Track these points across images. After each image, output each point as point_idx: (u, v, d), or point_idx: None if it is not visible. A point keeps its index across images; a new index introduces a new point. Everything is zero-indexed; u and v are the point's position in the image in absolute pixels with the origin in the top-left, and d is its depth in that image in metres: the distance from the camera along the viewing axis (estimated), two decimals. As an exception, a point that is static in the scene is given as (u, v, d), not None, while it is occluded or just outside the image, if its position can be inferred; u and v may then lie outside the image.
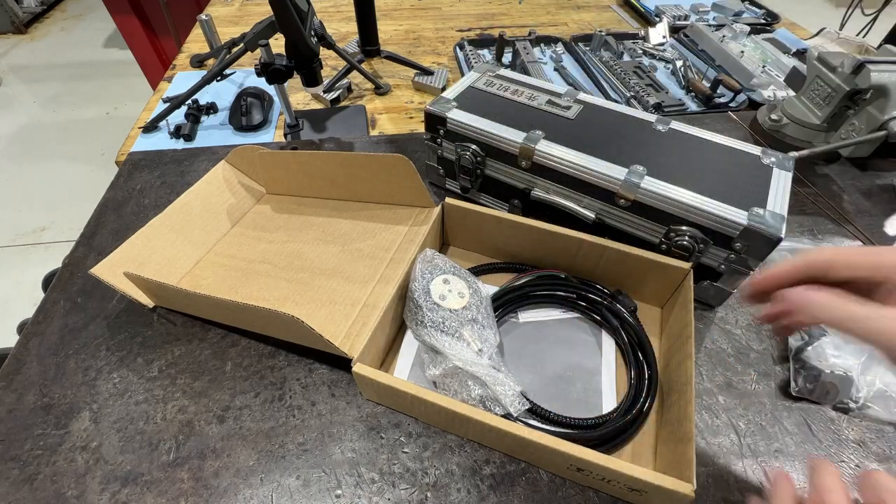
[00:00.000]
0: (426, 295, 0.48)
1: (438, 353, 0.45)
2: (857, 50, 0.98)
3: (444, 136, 0.62)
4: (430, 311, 0.47)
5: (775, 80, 0.91)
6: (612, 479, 0.37)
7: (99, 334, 0.52)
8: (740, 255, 0.48)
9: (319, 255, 0.58)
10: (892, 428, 0.45)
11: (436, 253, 0.52)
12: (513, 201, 0.62)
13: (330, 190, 0.64)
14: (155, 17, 1.82)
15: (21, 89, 2.58)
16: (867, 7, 1.24)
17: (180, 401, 0.46)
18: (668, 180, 0.49)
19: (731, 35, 1.03)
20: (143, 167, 0.73)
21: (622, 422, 0.43)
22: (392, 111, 0.88)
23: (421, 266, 0.50)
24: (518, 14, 1.23)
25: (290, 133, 0.79)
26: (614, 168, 0.51)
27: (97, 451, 0.43)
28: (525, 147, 0.54)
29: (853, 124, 0.72)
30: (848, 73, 0.69)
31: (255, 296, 0.54)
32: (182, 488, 0.41)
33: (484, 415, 0.39)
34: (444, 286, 0.49)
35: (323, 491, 0.41)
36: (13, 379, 0.48)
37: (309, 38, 0.66)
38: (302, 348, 0.49)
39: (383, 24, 1.14)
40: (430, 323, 0.46)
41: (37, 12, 3.16)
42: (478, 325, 0.47)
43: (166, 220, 0.58)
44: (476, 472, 0.42)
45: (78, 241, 0.62)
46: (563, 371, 0.48)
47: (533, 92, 0.63)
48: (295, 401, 0.46)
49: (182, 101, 0.80)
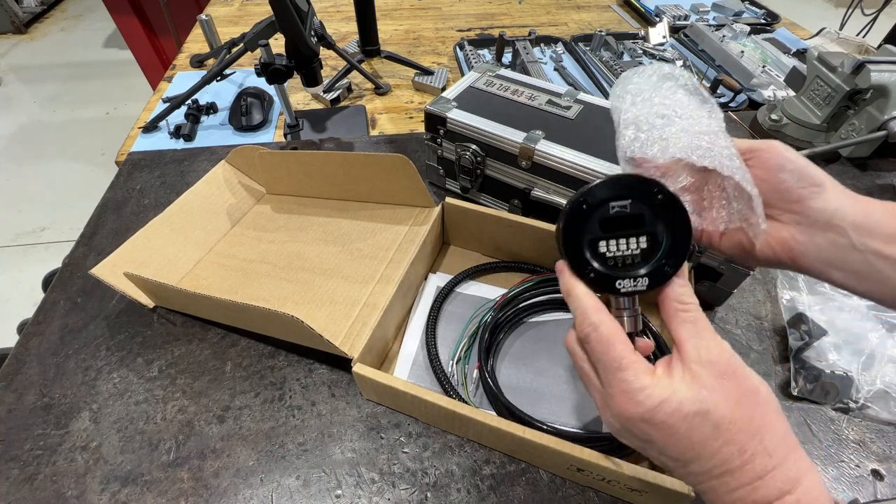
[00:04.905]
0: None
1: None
2: (857, 50, 0.98)
3: (444, 136, 0.62)
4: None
5: (775, 80, 0.91)
6: (612, 479, 0.37)
7: (99, 334, 0.52)
8: (740, 255, 0.48)
9: (319, 255, 0.58)
10: (892, 428, 0.45)
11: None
12: (513, 201, 0.62)
13: (330, 190, 0.64)
14: (155, 17, 1.82)
15: (21, 89, 2.58)
16: (867, 7, 1.24)
17: (180, 401, 0.46)
18: (668, 180, 0.49)
19: (731, 35, 1.03)
20: (143, 167, 0.73)
21: None
22: (392, 111, 0.88)
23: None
24: (518, 14, 1.23)
25: (290, 133, 0.79)
26: (614, 168, 0.51)
27: (97, 451, 0.43)
28: (525, 147, 0.54)
29: (853, 124, 0.72)
30: (848, 73, 0.69)
31: (255, 296, 0.54)
32: (182, 488, 0.41)
33: (484, 415, 0.39)
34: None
35: (323, 491, 0.41)
36: (13, 379, 0.48)
37: (309, 38, 0.66)
38: (302, 348, 0.49)
39: (383, 24, 1.14)
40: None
41: (37, 12, 3.16)
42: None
43: (166, 220, 0.58)
44: (476, 472, 0.42)
45: (78, 241, 0.62)
46: (565, 371, 0.48)
47: (533, 92, 0.63)
48: (295, 401, 0.46)
49: (182, 101, 0.80)
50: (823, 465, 0.43)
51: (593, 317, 0.28)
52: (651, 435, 0.26)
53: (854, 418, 0.46)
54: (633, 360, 0.27)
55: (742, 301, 0.56)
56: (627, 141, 0.33)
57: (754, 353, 0.50)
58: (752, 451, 0.25)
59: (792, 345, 0.49)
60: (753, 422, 0.25)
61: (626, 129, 0.33)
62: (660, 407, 0.25)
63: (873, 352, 0.48)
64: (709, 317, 0.53)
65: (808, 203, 0.30)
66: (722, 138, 0.31)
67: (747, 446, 0.25)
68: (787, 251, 0.31)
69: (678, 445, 0.26)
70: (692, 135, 0.31)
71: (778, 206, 0.31)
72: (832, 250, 0.30)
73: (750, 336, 0.52)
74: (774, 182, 0.31)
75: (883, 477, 0.42)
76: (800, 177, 0.30)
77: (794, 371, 0.48)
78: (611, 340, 0.27)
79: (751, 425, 0.25)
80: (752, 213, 0.30)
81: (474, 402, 0.46)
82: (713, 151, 0.30)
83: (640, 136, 0.32)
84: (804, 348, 0.48)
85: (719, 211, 0.33)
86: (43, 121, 2.35)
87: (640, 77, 0.36)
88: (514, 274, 0.57)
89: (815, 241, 0.30)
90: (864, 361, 0.47)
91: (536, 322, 0.52)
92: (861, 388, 0.46)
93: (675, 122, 0.32)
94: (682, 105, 0.33)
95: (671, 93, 0.34)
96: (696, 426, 0.25)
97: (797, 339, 0.50)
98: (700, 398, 0.25)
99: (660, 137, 0.32)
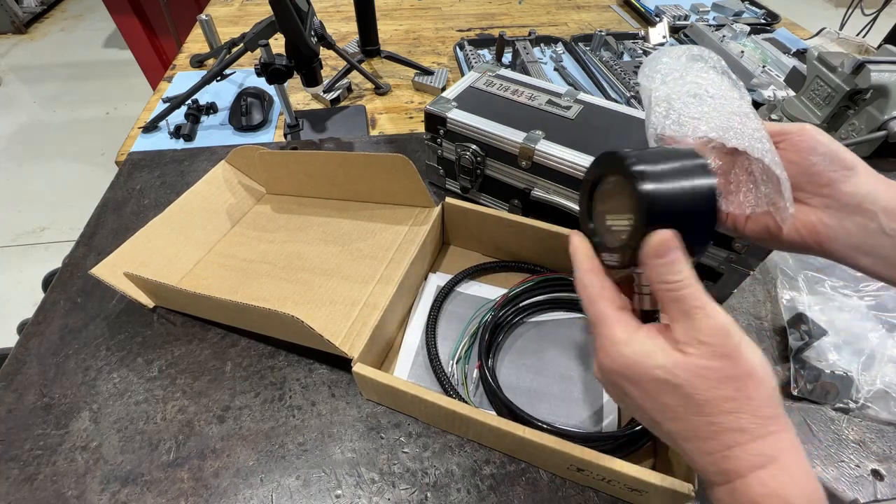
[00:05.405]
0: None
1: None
2: (857, 50, 0.98)
3: (444, 136, 0.62)
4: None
5: (775, 80, 0.91)
6: (612, 479, 0.37)
7: (99, 334, 0.52)
8: (740, 254, 0.48)
9: (319, 255, 0.58)
10: (892, 428, 0.45)
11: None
12: (513, 201, 0.62)
13: (330, 190, 0.64)
14: (155, 17, 1.82)
15: (21, 89, 2.58)
16: (867, 7, 1.24)
17: (180, 401, 0.46)
18: (668, 180, 0.49)
19: (731, 35, 1.03)
20: (143, 167, 0.73)
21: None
22: (392, 111, 0.88)
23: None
24: (518, 14, 1.23)
25: (290, 133, 0.79)
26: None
27: (97, 451, 0.43)
28: (525, 147, 0.54)
29: (853, 124, 0.72)
30: (848, 73, 0.69)
31: (255, 296, 0.54)
32: (182, 488, 0.41)
33: (484, 414, 0.39)
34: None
35: (323, 491, 0.41)
36: (13, 379, 0.48)
37: (309, 38, 0.66)
38: (302, 348, 0.49)
39: (383, 24, 1.13)
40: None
41: (37, 12, 3.16)
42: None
43: (166, 220, 0.58)
44: (476, 472, 0.42)
45: (78, 241, 0.62)
46: (565, 371, 0.48)
47: (533, 92, 0.63)
48: (295, 401, 0.46)
49: (182, 101, 0.80)
50: (823, 465, 0.43)
51: (583, 276, 0.29)
52: (626, 388, 0.27)
53: (854, 418, 0.46)
54: (612, 316, 0.28)
55: (742, 301, 0.56)
56: (659, 118, 0.32)
57: (754, 353, 0.50)
58: (723, 426, 0.25)
59: (792, 345, 0.49)
60: (735, 401, 0.24)
61: (658, 105, 0.33)
62: (633, 364, 0.26)
63: (873, 352, 0.48)
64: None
65: (838, 187, 0.30)
66: (753, 120, 0.31)
67: (717, 420, 0.25)
68: (815, 235, 0.31)
69: (651, 404, 0.26)
70: (724, 115, 0.31)
71: (807, 190, 0.31)
72: (861, 235, 0.30)
73: (750, 336, 0.52)
74: (805, 165, 0.30)
75: (883, 477, 0.42)
76: (832, 160, 0.30)
77: (794, 371, 0.48)
78: (593, 298, 0.28)
79: (729, 404, 0.24)
80: (780, 196, 0.30)
81: (474, 401, 0.46)
82: (744, 133, 0.30)
83: (671, 114, 0.32)
84: (804, 348, 0.48)
85: (746, 195, 0.32)
86: (43, 121, 2.35)
87: (669, 57, 0.36)
88: (514, 274, 0.57)
89: (844, 225, 0.30)
90: (864, 361, 0.47)
91: (536, 322, 0.52)
92: (861, 388, 0.46)
93: (707, 101, 0.32)
94: (715, 85, 0.33)
95: (703, 72, 0.34)
96: (667, 392, 0.25)
97: (797, 339, 0.50)
98: (674, 374, 0.25)
99: (692, 116, 0.31)
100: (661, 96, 0.33)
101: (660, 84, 0.34)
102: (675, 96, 0.33)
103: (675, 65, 0.35)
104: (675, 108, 0.32)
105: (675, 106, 0.32)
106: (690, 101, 0.32)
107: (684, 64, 0.35)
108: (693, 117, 0.31)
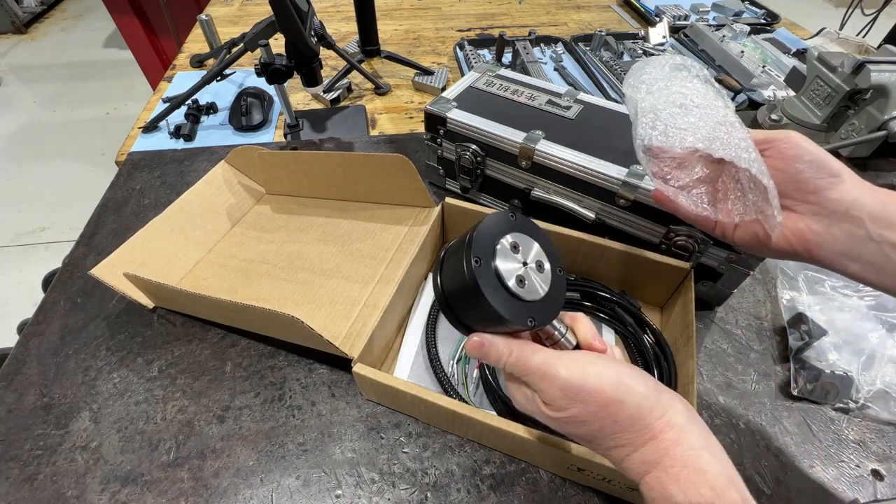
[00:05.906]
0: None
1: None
2: (857, 50, 0.98)
3: (444, 136, 0.62)
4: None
5: (775, 80, 0.91)
6: (612, 479, 0.37)
7: (99, 334, 0.52)
8: (740, 254, 0.48)
9: (319, 255, 0.58)
10: (892, 428, 0.45)
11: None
12: (513, 201, 0.62)
13: (330, 190, 0.64)
14: (155, 17, 1.82)
15: (21, 89, 2.58)
16: (867, 7, 1.24)
17: (180, 401, 0.46)
18: (668, 180, 0.49)
19: (731, 35, 1.03)
20: (143, 167, 0.73)
21: None
22: (392, 111, 0.88)
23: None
24: (518, 14, 1.23)
25: (290, 133, 0.79)
26: (614, 168, 0.50)
27: (97, 451, 0.43)
28: (525, 147, 0.54)
29: (853, 124, 0.72)
30: (848, 73, 0.69)
31: (255, 296, 0.54)
32: (182, 488, 0.41)
33: (484, 414, 0.39)
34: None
35: (323, 491, 0.41)
36: (13, 379, 0.48)
37: (309, 38, 0.66)
38: (302, 348, 0.49)
39: (383, 24, 1.13)
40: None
41: (37, 12, 3.16)
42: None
43: (166, 221, 0.58)
44: (476, 472, 0.42)
45: (78, 241, 0.62)
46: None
47: (533, 92, 0.63)
48: (295, 401, 0.46)
49: (182, 101, 0.80)
50: (823, 465, 0.43)
51: (509, 357, 0.31)
52: (572, 408, 0.29)
53: (854, 418, 0.46)
54: (543, 348, 0.31)
55: (742, 301, 0.56)
56: (646, 129, 0.33)
57: (754, 354, 0.50)
58: (606, 446, 0.29)
59: (792, 345, 0.49)
60: (602, 430, 0.29)
61: (644, 116, 0.33)
62: (570, 377, 0.29)
63: (873, 352, 0.48)
64: (709, 317, 0.54)
65: (825, 194, 0.30)
66: (738, 129, 0.31)
67: (603, 444, 0.29)
68: (803, 242, 0.31)
69: (587, 424, 0.29)
70: (710, 125, 0.31)
71: (795, 197, 0.31)
72: (849, 241, 0.30)
73: (750, 336, 0.52)
74: (792, 172, 0.31)
75: (883, 477, 0.42)
76: (818, 167, 0.30)
77: (794, 371, 0.48)
78: (524, 356, 0.30)
79: (602, 433, 0.29)
80: (768, 205, 0.30)
81: (474, 401, 0.46)
82: (730, 143, 0.30)
83: (657, 125, 0.32)
84: (804, 348, 0.48)
85: (734, 203, 0.32)
86: (43, 121, 2.35)
87: (653, 67, 0.36)
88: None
89: (832, 232, 0.30)
90: (864, 361, 0.47)
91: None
92: (861, 388, 0.46)
93: (693, 111, 0.32)
94: (700, 94, 0.33)
95: (687, 81, 0.34)
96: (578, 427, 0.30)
97: (797, 339, 0.50)
98: (563, 429, 0.30)
99: (678, 127, 0.31)
100: (647, 107, 0.33)
101: (645, 94, 0.34)
102: (661, 107, 0.33)
103: (659, 74, 0.35)
104: (662, 118, 0.32)
105: (661, 117, 0.32)
106: (676, 111, 0.32)
107: (668, 73, 0.35)
108: (679, 128, 0.31)
